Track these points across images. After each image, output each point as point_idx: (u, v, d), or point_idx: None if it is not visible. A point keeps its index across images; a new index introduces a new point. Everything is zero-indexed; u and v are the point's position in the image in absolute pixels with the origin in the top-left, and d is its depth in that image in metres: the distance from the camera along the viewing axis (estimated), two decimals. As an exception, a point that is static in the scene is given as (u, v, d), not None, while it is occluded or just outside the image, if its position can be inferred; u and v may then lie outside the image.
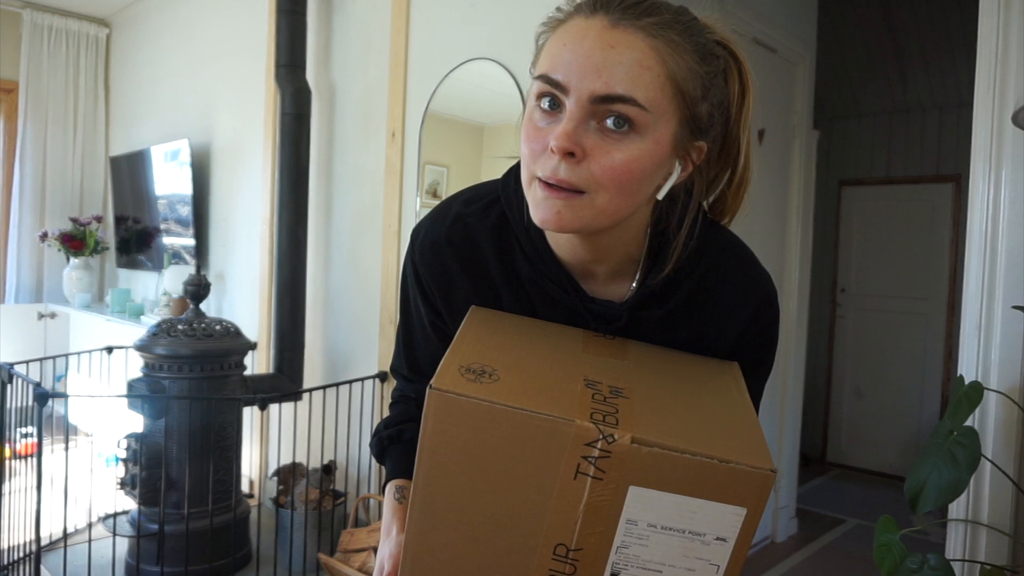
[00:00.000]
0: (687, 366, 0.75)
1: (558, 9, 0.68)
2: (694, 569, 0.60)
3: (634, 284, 0.77)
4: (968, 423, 1.44)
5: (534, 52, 0.70)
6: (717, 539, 0.59)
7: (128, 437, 2.40)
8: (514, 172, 0.77)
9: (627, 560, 0.60)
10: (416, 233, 0.81)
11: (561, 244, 0.75)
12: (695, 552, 0.59)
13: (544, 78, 0.65)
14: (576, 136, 0.63)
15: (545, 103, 0.65)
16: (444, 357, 0.64)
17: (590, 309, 0.77)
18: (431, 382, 0.59)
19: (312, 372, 2.91)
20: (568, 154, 0.63)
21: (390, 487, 0.83)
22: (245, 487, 3.03)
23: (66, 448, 2.21)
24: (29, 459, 3.42)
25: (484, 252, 0.78)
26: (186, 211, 3.57)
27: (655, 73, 0.63)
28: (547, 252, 0.76)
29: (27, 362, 3.08)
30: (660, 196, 0.69)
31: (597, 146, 0.63)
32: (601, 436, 0.57)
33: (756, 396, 0.81)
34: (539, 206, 0.66)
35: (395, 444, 0.86)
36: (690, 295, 0.76)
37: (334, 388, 2.61)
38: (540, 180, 0.65)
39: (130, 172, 4.10)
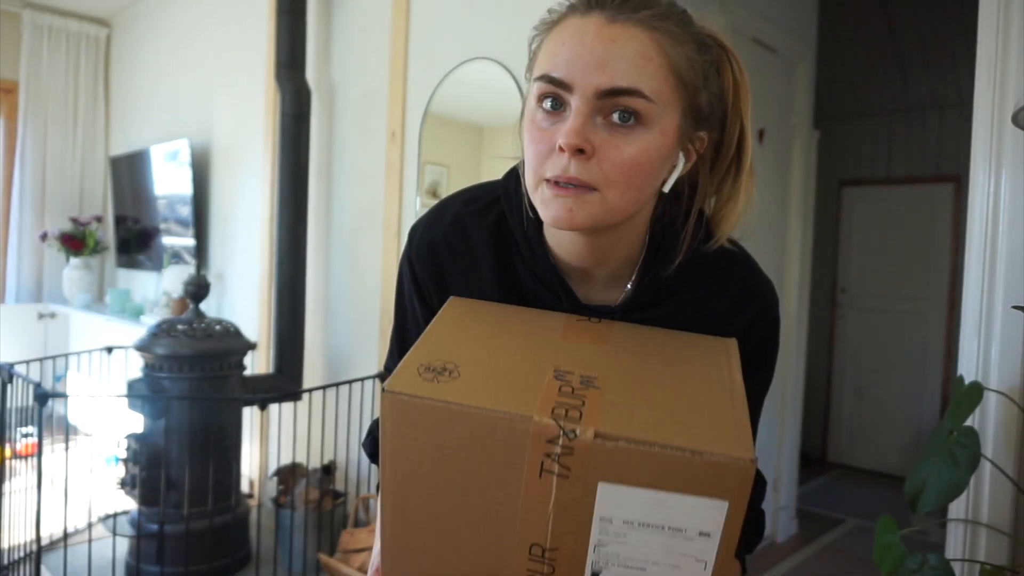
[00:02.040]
0: (675, 347, 0.71)
1: (549, 11, 0.67)
2: (680, 566, 0.56)
3: (629, 285, 0.76)
4: (968, 423, 1.44)
5: (528, 58, 0.69)
6: (700, 534, 0.56)
7: (128, 437, 2.40)
8: (514, 173, 0.76)
9: (607, 559, 0.58)
10: (413, 232, 0.80)
11: (563, 246, 0.74)
12: (679, 548, 0.56)
13: (546, 78, 0.64)
14: (585, 132, 0.62)
15: (548, 103, 0.65)
16: (405, 355, 0.62)
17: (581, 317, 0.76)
18: (384, 384, 0.58)
19: (312, 372, 2.91)
20: (579, 151, 0.62)
21: None
22: (245, 487, 3.03)
23: (66, 448, 2.21)
24: (29, 459, 3.42)
25: (481, 253, 0.77)
26: (186, 211, 3.57)
27: (658, 64, 0.63)
28: (543, 255, 0.75)
29: (27, 362, 3.08)
30: (666, 189, 0.69)
31: (606, 141, 0.63)
32: (562, 432, 0.55)
33: (756, 406, 0.79)
34: (549, 205, 0.65)
35: None
36: (684, 304, 0.75)
37: (334, 388, 2.61)
38: (548, 181, 0.65)
39: (130, 172, 4.10)
